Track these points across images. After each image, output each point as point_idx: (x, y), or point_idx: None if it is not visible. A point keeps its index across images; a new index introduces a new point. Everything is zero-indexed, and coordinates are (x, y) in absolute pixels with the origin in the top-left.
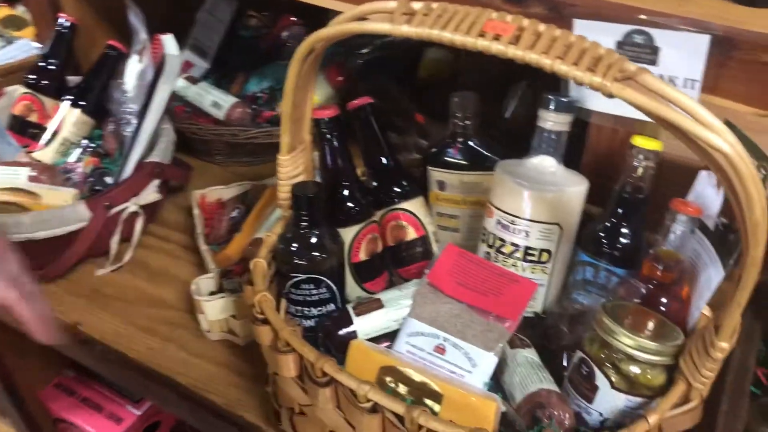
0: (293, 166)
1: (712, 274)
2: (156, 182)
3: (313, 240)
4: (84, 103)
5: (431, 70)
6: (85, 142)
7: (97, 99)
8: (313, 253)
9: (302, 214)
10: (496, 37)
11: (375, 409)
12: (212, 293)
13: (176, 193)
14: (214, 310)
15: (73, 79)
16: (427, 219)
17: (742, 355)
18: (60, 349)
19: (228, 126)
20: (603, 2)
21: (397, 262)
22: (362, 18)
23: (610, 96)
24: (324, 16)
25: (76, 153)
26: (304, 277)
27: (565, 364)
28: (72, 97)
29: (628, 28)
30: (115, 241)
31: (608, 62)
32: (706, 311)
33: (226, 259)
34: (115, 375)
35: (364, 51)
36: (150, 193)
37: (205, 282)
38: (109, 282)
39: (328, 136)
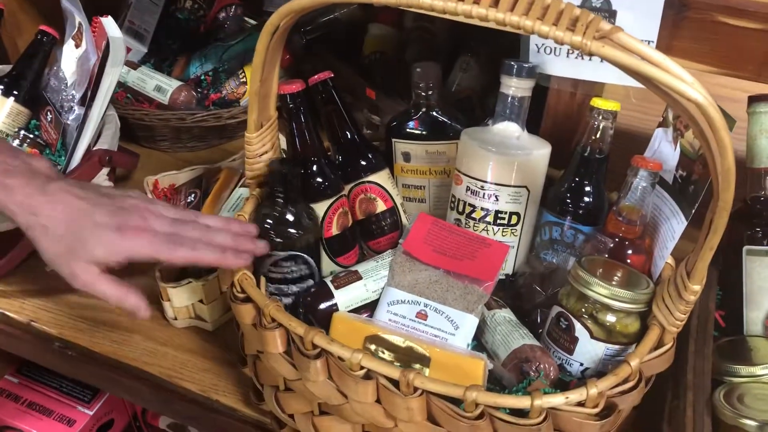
0: (261, 144)
1: (674, 225)
2: (105, 171)
3: (292, 217)
4: (16, 92)
5: (375, 46)
6: (22, 133)
7: (31, 87)
8: (293, 231)
9: (278, 191)
10: (476, 1)
11: (368, 376)
12: (177, 279)
13: (122, 182)
14: (181, 296)
15: (1, 68)
16: (395, 191)
17: (704, 298)
18: (13, 350)
19: (174, 110)
20: None
21: (368, 235)
22: None
23: (590, 54)
24: None
25: (14, 145)
26: (284, 254)
27: (539, 321)
28: (2, 87)
29: None
30: None
31: (585, 22)
32: (670, 260)
33: None
34: (79, 372)
35: (308, 28)
36: (100, 182)
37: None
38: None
39: (296, 111)
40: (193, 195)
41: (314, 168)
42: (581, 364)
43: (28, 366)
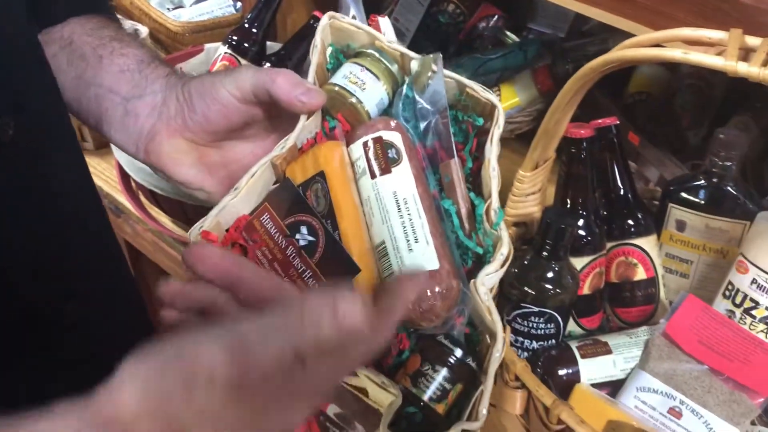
0: (531, 184)
1: None
2: None
3: (553, 274)
4: None
5: (642, 85)
6: None
7: (295, 69)
8: (550, 288)
9: (547, 244)
10: None
11: None
12: None
13: None
14: None
15: (271, 45)
16: (659, 260)
17: None
18: None
19: None
20: None
21: (618, 301)
22: (676, 45)
23: None
24: (525, 11)
25: None
26: (536, 310)
27: None
28: (269, 64)
29: None
30: None
31: None
32: None
33: None
34: None
35: (576, 55)
36: None
37: None
38: None
39: (579, 157)
40: (303, 227)
41: (582, 221)
42: None
43: None
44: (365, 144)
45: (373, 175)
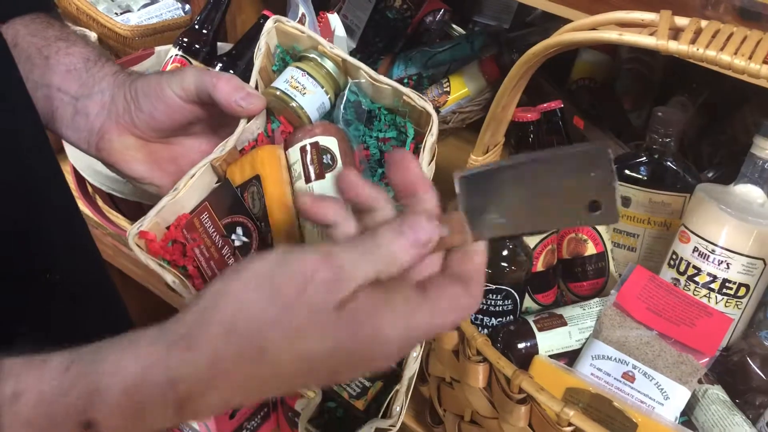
0: None
1: None
2: None
3: (509, 252)
4: (232, 71)
5: (585, 72)
6: None
7: (246, 68)
8: (505, 265)
9: None
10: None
11: None
12: None
13: None
14: None
15: (222, 46)
16: (607, 235)
17: None
18: None
19: None
20: None
21: (570, 276)
22: (611, 27)
23: None
24: (470, 4)
25: None
26: (493, 287)
27: (756, 405)
28: (221, 65)
29: None
30: None
31: None
32: None
33: None
34: None
35: (520, 45)
36: None
37: None
38: None
39: (526, 139)
40: (239, 228)
41: None
42: None
43: None
44: (302, 149)
45: (308, 180)
